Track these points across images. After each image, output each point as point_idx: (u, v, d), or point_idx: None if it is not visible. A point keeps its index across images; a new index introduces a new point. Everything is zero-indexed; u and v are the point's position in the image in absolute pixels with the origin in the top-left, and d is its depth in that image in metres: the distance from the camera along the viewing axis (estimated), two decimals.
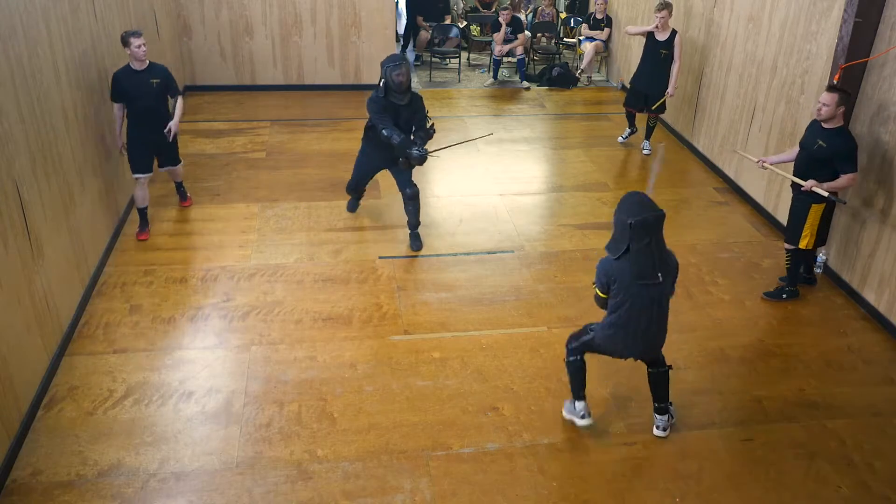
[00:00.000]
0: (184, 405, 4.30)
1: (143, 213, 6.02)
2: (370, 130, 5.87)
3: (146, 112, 5.72)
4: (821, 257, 5.77)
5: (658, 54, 7.60)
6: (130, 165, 5.85)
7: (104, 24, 5.96)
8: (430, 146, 5.75)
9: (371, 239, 6.16)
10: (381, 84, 5.60)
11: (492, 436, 4.17)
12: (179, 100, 6.03)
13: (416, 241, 6.05)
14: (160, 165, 6.14)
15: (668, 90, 7.64)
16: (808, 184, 5.02)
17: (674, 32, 7.54)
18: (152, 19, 7.74)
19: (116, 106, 5.69)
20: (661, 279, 3.64)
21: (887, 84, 5.10)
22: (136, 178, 5.89)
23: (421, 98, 5.80)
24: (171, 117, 5.93)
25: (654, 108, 7.83)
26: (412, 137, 5.69)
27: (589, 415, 4.14)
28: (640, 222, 3.53)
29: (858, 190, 5.29)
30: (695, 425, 4.31)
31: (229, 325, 5.02)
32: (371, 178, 6.22)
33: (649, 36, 7.64)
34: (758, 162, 5.62)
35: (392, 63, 5.52)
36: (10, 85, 4.12)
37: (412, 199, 5.92)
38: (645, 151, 8.13)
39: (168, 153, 6.09)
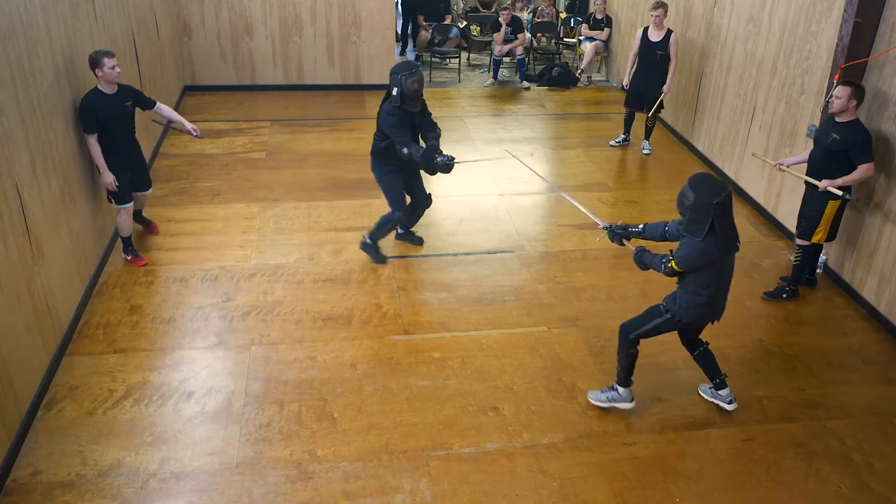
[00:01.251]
0: (184, 405, 4.30)
1: (129, 240, 5.63)
2: (384, 150, 5.49)
3: (123, 138, 5.35)
4: (821, 257, 5.77)
5: (654, 55, 7.60)
6: (115, 198, 5.39)
7: (104, 24, 5.96)
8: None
9: None
10: (395, 93, 5.28)
11: (492, 436, 4.17)
12: (162, 105, 5.70)
13: (415, 237, 6.08)
14: (132, 190, 5.56)
15: (663, 87, 7.65)
16: (823, 184, 5.04)
17: (669, 32, 7.55)
18: (152, 19, 7.74)
19: (91, 137, 5.12)
20: (738, 247, 3.90)
21: (887, 84, 5.10)
22: (120, 209, 5.47)
23: (425, 102, 5.62)
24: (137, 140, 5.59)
25: (653, 110, 7.84)
26: (427, 144, 5.43)
27: (631, 396, 4.31)
28: (726, 199, 3.70)
29: (858, 190, 5.29)
30: (695, 425, 4.31)
31: (229, 325, 5.02)
32: (405, 192, 5.77)
33: (644, 36, 7.66)
34: (776, 165, 5.63)
35: (407, 71, 5.24)
36: (10, 85, 4.12)
37: (425, 209, 5.90)
38: (645, 151, 8.12)
39: (141, 177, 5.67)
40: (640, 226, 4.31)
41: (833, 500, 3.85)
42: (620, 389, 4.28)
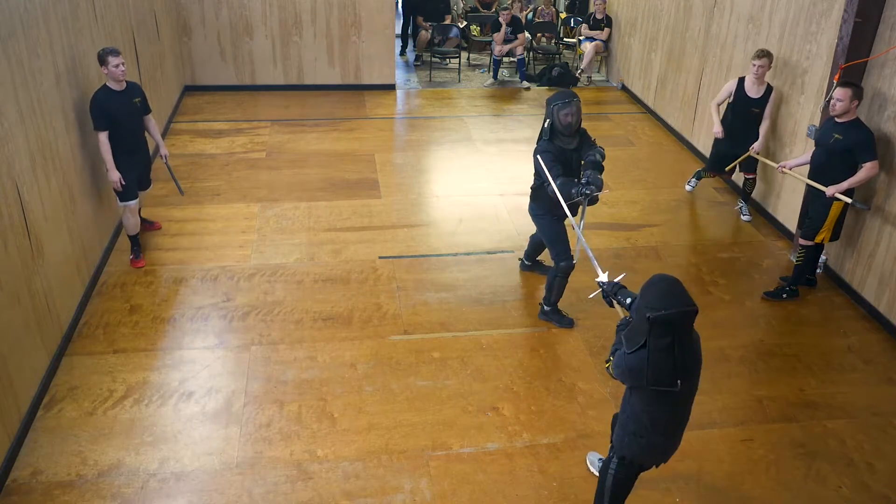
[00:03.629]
0: (184, 405, 4.30)
1: (136, 239, 5.64)
2: (536, 191, 4.94)
3: (131, 135, 5.38)
4: (821, 257, 5.77)
5: (748, 112, 6.25)
6: (120, 194, 5.40)
7: (104, 24, 5.96)
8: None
9: (371, 239, 6.16)
10: (547, 125, 4.66)
11: (492, 436, 4.17)
12: (152, 118, 5.72)
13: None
14: (138, 189, 5.62)
15: (753, 145, 6.26)
16: (830, 191, 5.05)
17: (770, 88, 6.19)
18: (152, 19, 7.74)
19: (102, 135, 5.14)
20: (679, 386, 2.94)
21: (887, 84, 5.10)
22: (126, 206, 5.48)
23: (586, 131, 4.88)
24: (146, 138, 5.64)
25: (734, 164, 6.47)
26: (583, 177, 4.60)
27: None
28: (660, 318, 2.83)
29: (859, 190, 5.28)
30: (695, 425, 4.29)
31: (229, 325, 5.02)
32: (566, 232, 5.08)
33: (739, 89, 6.27)
34: (778, 168, 5.63)
35: (561, 101, 4.58)
36: (10, 85, 4.12)
37: (566, 273, 4.99)
38: (744, 218, 6.68)
39: (145, 176, 5.72)
40: (629, 300, 3.27)
41: (833, 500, 3.85)
42: None
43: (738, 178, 6.87)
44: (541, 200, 4.92)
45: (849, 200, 5.03)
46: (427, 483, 3.85)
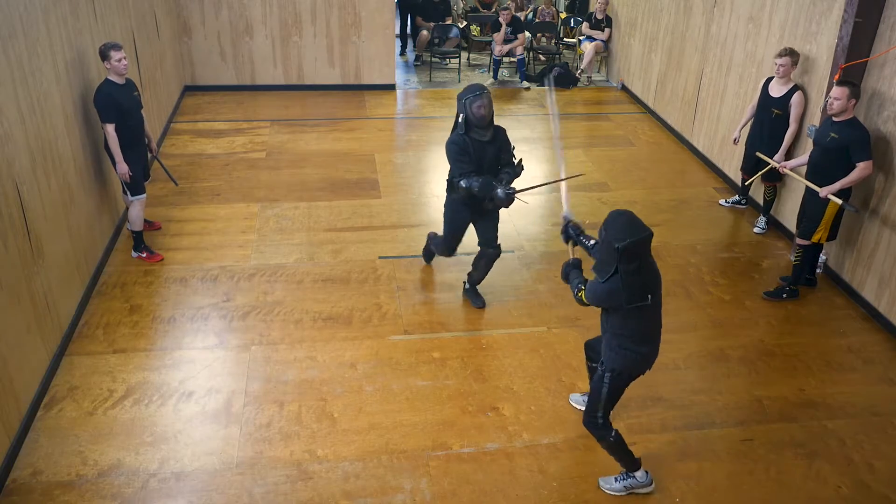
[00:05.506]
0: (184, 405, 4.30)
1: (141, 235, 5.67)
2: (450, 183, 5.04)
3: (136, 128, 5.43)
4: (821, 257, 5.77)
5: (769, 113, 6.05)
6: (130, 189, 5.45)
7: (104, 24, 5.96)
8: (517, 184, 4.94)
9: (371, 239, 6.16)
10: (460, 120, 4.79)
11: (492, 436, 4.17)
12: (143, 113, 5.67)
13: (476, 298, 5.34)
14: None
15: (775, 157, 6.01)
16: (823, 192, 5.05)
17: (794, 88, 5.94)
18: (152, 19, 7.74)
19: (110, 127, 5.18)
20: (650, 300, 3.41)
21: (887, 84, 5.10)
22: (138, 200, 5.53)
23: (504, 130, 4.99)
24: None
25: (757, 176, 6.21)
26: (499, 177, 4.89)
27: (650, 478, 3.84)
28: (628, 246, 3.27)
29: (858, 190, 5.28)
30: (695, 425, 4.31)
31: (229, 325, 5.02)
32: (464, 234, 5.22)
33: (764, 88, 6.14)
34: (779, 167, 5.62)
35: (472, 94, 4.71)
36: (10, 85, 4.12)
37: (490, 258, 5.17)
38: (757, 230, 6.50)
39: (146, 169, 5.77)
40: (592, 241, 3.84)
41: (833, 500, 3.85)
42: (636, 474, 3.80)
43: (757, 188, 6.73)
44: (456, 192, 4.94)
45: (839, 201, 5.03)
46: (427, 483, 3.85)
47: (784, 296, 5.50)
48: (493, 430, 4.21)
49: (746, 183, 6.48)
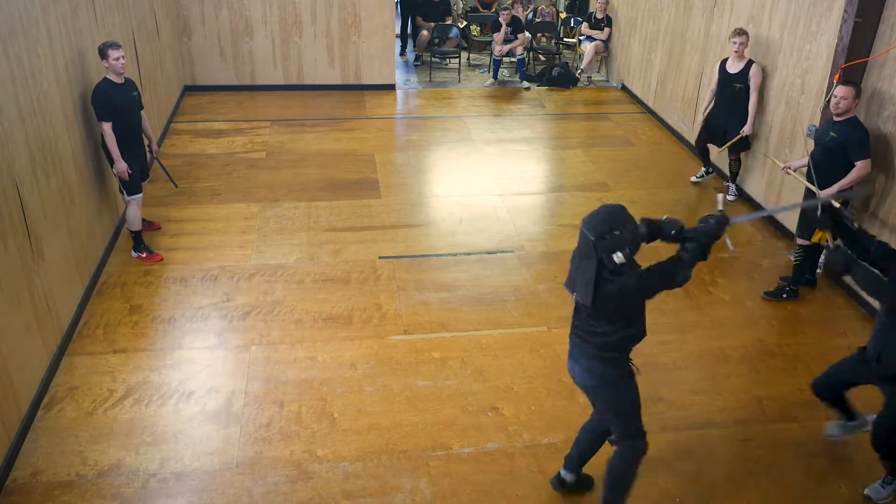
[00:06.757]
0: (184, 405, 4.30)
1: (140, 235, 5.68)
2: (619, 343, 3.29)
3: (133, 127, 5.43)
4: (822, 258, 5.76)
5: (731, 87, 6.70)
6: (127, 188, 5.47)
7: (104, 24, 5.96)
8: None
9: (371, 239, 6.16)
10: (622, 257, 3.09)
11: (492, 436, 4.17)
12: (144, 114, 5.70)
13: (586, 480, 3.83)
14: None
15: (744, 128, 6.63)
16: (823, 195, 5.05)
17: (749, 63, 6.60)
18: (152, 19, 7.74)
19: (107, 125, 5.20)
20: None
21: (887, 84, 5.10)
22: (134, 200, 5.54)
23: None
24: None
25: (727, 145, 6.78)
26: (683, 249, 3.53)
27: None
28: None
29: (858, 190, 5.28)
30: (695, 425, 4.31)
31: (229, 325, 5.02)
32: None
33: (721, 68, 6.77)
34: (783, 168, 5.63)
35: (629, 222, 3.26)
36: (10, 85, 4.12)
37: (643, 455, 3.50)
38: (730, 197, 6.99)
39: (145, 169, 5.77)
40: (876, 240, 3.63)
41: (833, 500, 3.85)
42: None
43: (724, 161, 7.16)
44: (620, 351, 3.32)
45: (837, 205, 5.01)
46: (427, 483, 3.85)
47: (784, 296, 5.50)
48: (493, 430, 4.21)
49: (720, 151, 7.07)
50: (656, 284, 3.20)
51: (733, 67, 6.69)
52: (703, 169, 7.40)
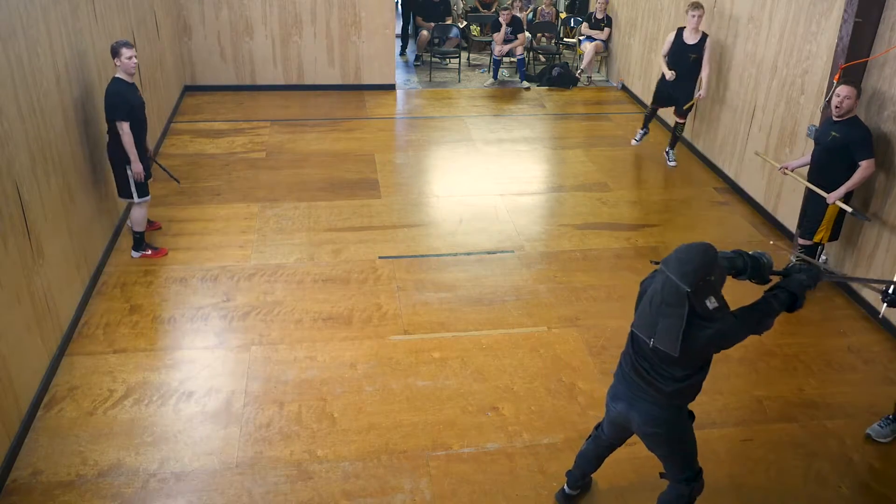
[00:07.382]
0: (184, 405, 4.30)
1: (142, 235, 5.69)
2: (689, 388, 3.18)
3: (143, 127, 5.41)
4: (822, 257, 5.76)
5: (687, 58, 7.24)
6: (137, 189, 5.47)
7: (104, 24, 5.96)
8: None
9: (371, 239, 6.16)
10: (714, 304, 3.02)
11: (492, 436, 4.17)
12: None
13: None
14: None
15: (699, 92, 7.30)
16: (831, 198, 5.06)
17: (704, 36, 7.22)
18: (152, 19, 7.74)
19: (125, 125, 5.15)
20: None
21: (887, 84, 5.10)
22: (141, 202, 5.55)
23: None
24: None
25: (684, 108, 7.43)
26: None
27: None
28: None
29: (859, 190, 5.28)
30: (695, 425, 4.29)
31: (229, 325, 5.02)
32: None
33: (677, 37, 7.33)
34: (780, 169, 5.63)
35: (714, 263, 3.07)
36: (10, 85, 4.12)
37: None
38: (670, 163, 7.78)
39: (149, 169, 5.70)
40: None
41: (833, 500, 3.85)
42: None
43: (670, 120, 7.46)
44: (691, 398, 3.24)
45: (849, 210, 5.04)
46: (427, 483, 3.85)
47: None
48: (493, 430, 4.21)
49: (685, 107, 7.42)
50: (744, 332, 3.04)
51: (690, 39, 7.23)
52: (642, 131, 8.04)
